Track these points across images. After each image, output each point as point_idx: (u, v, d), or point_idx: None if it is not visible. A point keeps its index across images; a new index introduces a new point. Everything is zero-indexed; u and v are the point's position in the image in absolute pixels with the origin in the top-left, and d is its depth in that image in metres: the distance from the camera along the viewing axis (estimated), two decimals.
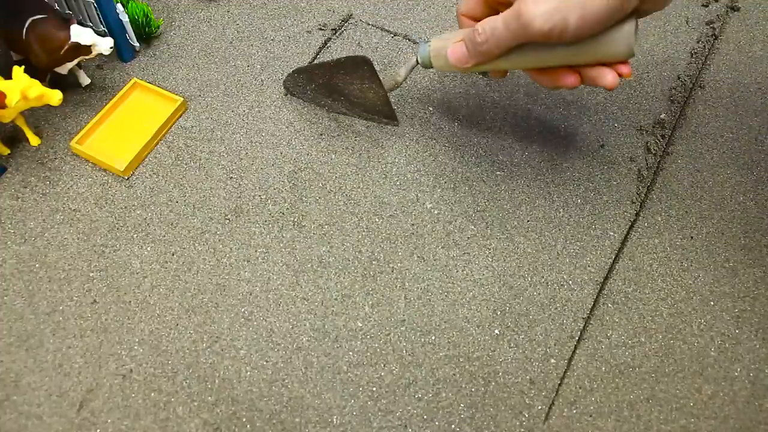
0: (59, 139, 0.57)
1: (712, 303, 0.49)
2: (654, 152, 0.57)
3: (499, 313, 0.48)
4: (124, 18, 0.59)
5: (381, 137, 0.58)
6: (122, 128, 0.58)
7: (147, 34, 0.63)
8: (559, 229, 0.52)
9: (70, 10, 0.62)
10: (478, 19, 0.45)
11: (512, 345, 0.47)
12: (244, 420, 0.44)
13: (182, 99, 0.59)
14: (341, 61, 0.53)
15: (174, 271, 0.50)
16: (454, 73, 0.62)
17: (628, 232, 0.52)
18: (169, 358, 0.46)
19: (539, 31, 0.37)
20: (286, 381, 0.45)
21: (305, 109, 0.60)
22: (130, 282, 0.50)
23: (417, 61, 0.49)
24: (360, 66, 0.52)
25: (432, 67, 0.48)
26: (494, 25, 0.40)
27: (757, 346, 0.47)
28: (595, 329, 0.48)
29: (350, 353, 0.47)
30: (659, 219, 0.53)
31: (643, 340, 0.47)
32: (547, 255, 0.51)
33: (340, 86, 0.55)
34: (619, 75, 0.41)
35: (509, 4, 0.40)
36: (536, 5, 0.37)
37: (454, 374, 0.46)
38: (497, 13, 0.42)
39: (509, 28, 0.39)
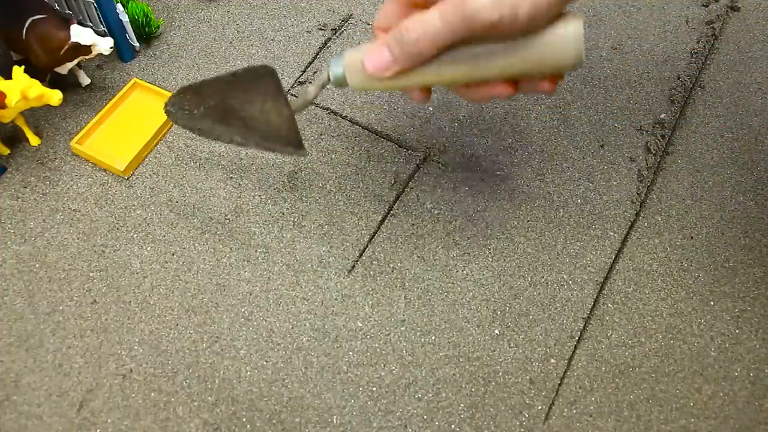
0: (59, 139, 0.57)
1: (712, 303, 0.49)
2: (654, 152, 0.57)
3: (499, 313, 0.48)
4: (124, 18, 0.59)
5: (380, 138, 0.58)
6: (122, 128, 0.58)
7: (147, 34, 0.63)
8: (559, 229, 0.52)
9: (70, 10, 0.62)
10: None
11: (512, 345, 0.47)
12: (244, 420, 0.44)
13: None
14: (239, 73, 0.43)
15: (174, 271, 0.50)
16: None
17: (628, 232, 0.52)
18: (169, 358, 0.46)
19: (486, 22, 0.32)
20: (286, 381, 0.45)
21: (305, 108, 0.60)
22: (130, 282, 0.50)
23: (328, 77, 0.39)
24: (262, 79, 0.42)
25: (346, 86, 0.39)
26: (427, 18, 0.34)
27: (757, 346, 0.47)
28: (595, 329, 0.48)
29: (350, 353, 0.47)
30: (659, 219, 0.53)
31: (643, 340, 0.47)
32: (547, 255, 0.51)
33: (235, 107, 0.44)
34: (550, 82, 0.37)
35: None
36: None
37: (454, 374, 0.46)
38: None
39: (448, 20, 0.33)
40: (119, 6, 0.59)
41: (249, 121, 0.44)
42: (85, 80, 0.60)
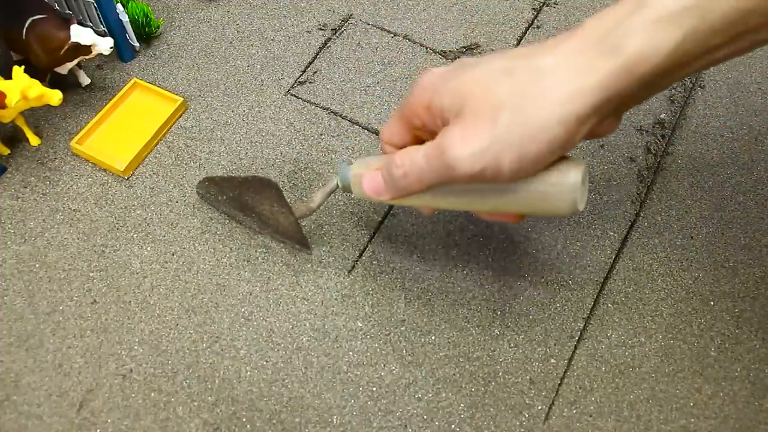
0: (59, 139, 0.57)
1: (712, 303, 0.49)
2: (654, 152, 0.57)
3: (499, 313, 0.48)
4: (124, 18, 0.59)
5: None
6: (122, 128, 0.58)
7: (147, 34, 0.63)
8: (559, 229, 0.52)
9: (70, 10, 0.62)
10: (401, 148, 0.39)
11: (512, 345, 0.47)
12: (244, 420, 0.44)
13: (182, 99, 0.59)
14: (248, 179, 0.49)
15: (174, 271, 0.50)
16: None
17: (628, 232, 0.52)
18: (169, 358, 0.46)
19: (466, 174, 0.32)
20: (286, 381, 0.45)
21: (305, 109, 0.60)
22: (130, 282, 0.50)
23: (337, 184, 0.43)
24: (266, 188, 0.47)
25: (352, 193, 0.42)
26: (414, 157, 0.34)
27: (757, 346, 0.47)
28: (595, 329, 0.48)
29: (350, 353, 0.47)
30: (659, 219, 0.53)
31: (643, 340, 0.47)
32: (547, 255, 0.51)
33: (250, 204, 0.49)
34: None
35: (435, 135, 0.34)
36: (463, 144, 0.31)
37: (454, 374, 0.46)
38: (422, 142, 0.36)
39: (431, 164, 0.33)
40: (119, 6, 0.59)
41: (262, 216, 0.49)
42: (85, 80, 0.60)
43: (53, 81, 0.59)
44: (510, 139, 0.30)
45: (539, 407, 0.44)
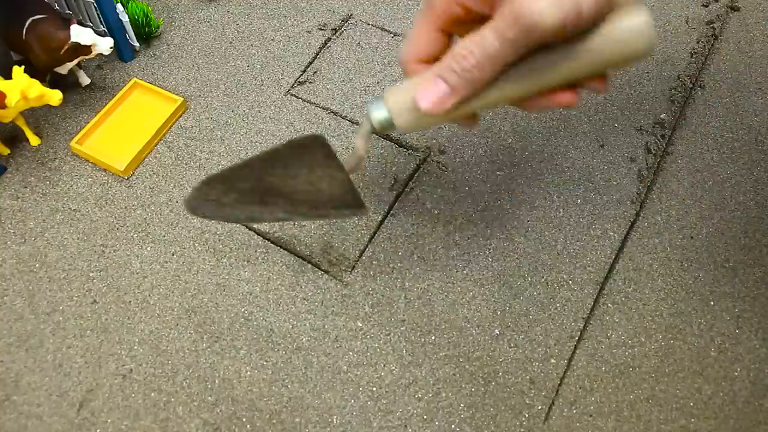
0: (59, 139, 0.57)
1: (712, 303, 0.49)
2: (654, 152, 0.57)
3: (499, 313, 0.48)
4: (124, 18, 0.59)
5: (380, 138, 0.58)
6: (122, 128, 0.58)
7: (147, 34, 0.63)
8: (559, 229, 0.52)
9: (70, 10, 0.62)
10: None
11: (512, 345, 0.47)
12: (244, 420, 0.44)
13: (182, 99, 0.59)
14: (280, 149, 0.42)
15: (174, 271, 0.50)
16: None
17: (628, 232, 0.52)
18: (169, 358, 0.46)
19: (550, 28, 0.29)
20: (286, 381, 0.45)
21: (305, 109, 0.60)
22: (130, 282, 0.50)
23: (371, 125, 0.37)
24: (307, 150, 0.41)
25: (394, 129, 0.37)
26: (482, 40, 0.31)
27: (757, 346, 0.47)
28: (595, 329, 0.48)
29: (350, 353, 0.47)
30: (659, 219, 0.53)
31: (643, 340, 0.47)
32: (547, 255, 0.51)
33: (276, 185, 0.41)
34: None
35: (481, 18, 0.32)
36: None
37: (454, 374, 0.46)
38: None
39: (506, 36, 0.30)
40: (119, 6, 0.59)
41: (294, 195, 0.41)
42: (85, 80, 0.60)
43: (53, 81, 0.59)
44: None
45: (539, 407, 0.44)
